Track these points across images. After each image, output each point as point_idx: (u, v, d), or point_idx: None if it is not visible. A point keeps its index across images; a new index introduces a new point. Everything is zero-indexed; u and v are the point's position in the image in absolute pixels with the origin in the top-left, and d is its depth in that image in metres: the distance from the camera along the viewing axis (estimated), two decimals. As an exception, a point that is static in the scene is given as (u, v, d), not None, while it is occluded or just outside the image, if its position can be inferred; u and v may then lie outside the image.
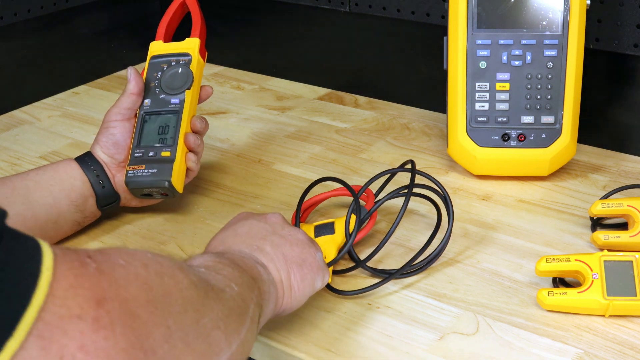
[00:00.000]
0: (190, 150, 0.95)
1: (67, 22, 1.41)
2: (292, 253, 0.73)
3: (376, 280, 0.83)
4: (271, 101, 1.35)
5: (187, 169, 0.95)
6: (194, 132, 0.96)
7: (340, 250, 0.86)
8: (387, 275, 0.83)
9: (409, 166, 0.89)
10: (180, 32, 1.04)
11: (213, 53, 1.32)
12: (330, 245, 0.85)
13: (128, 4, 1.52)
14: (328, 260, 0.84)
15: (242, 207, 1.00)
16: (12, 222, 0.85)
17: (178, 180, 0.93)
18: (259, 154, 1.15)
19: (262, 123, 1.26)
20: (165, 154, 0.93)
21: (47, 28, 1.38)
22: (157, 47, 1.00)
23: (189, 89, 0.96)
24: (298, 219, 0.91)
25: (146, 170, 0.92)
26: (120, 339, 0.45)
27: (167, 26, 1.02)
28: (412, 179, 0.86)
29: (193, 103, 0.97)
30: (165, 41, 1.01)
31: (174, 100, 0.96)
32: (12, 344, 0.41)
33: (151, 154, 0.93)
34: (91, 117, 1.30)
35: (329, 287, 0.82)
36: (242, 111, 1.31)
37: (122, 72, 1.49)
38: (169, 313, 0.51)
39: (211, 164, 1.12)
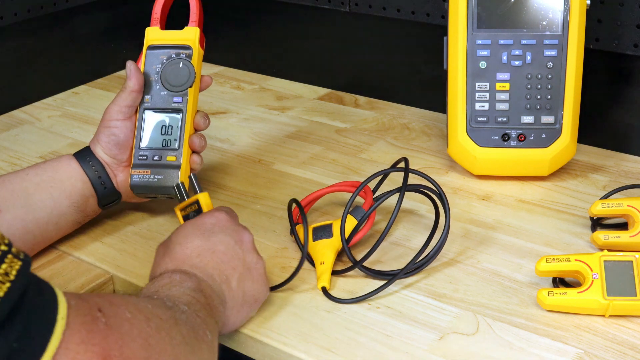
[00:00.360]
0: (195, 151, 0.94)
1: (67, 22, 1.41)
2: (251, 291, 0.76)
3: (375, 281, 0.83)
4: (271, 101, 1.35)
5: (191, 170, 0.95)
6: (198, 130, 0.95)
7: (338, 254, 0.86)
8: (389, 277, 0.83)
9: (402, 165, 0.89)
10: (172, 13, 1.01)
11: (213, 53, 1.32)
12: (328, 249, 0.85)
13: (128, 4, 1.52)
14: (327, 265, 0.84)
15: (242, 207, 1.00)
16: (12, 225, 0.85)
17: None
18: (259, 154, 1.15)
19: (262, 123, 1.26)
20: (171, 158, 0.92)
21: (47, 28, 1.38)
22: (154, 34, 0.96)
23: (191, 86, 0.93)
24: (294, 228, 0.91)
25: (152, 176, 0.91)
26: None
27: (162, 9, 0.97)
28: (405, 177, 0.86)
29: (195, 100, 0.95)
30: (161, 27, 0.97)
31: (177, 99, 0.93)
32: None
33: (156, 157, 0.92)
34: (91, 117, 1.30)
35: (328, 296, 0.82)
36: (242, 111, 1.31)
37: (122, 72, 1.49)
38: None
39: (211, 164, 1.12)
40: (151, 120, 0.94)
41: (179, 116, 0.93)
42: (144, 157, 0.92)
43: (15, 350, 0.45)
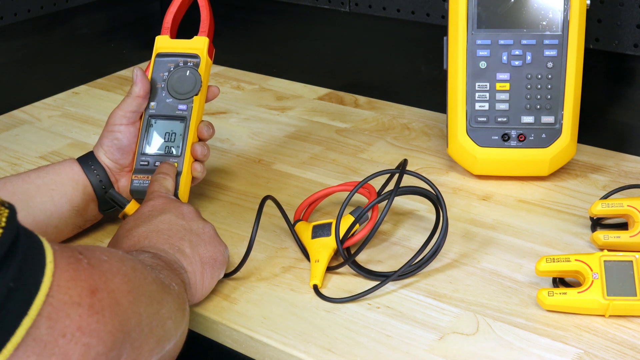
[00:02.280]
0: (197, 160, 0.94)
1: (67, 22, 1.41)
2: (206, 253, 0.79)
3: (372, 282, 0.83)
4: (271, 101, 1.35)
5: (193, 178, 0.94)
6: (201, 139, 0.95)
7: (336, 252, 0.86)
8: (382, 278, 0.83)
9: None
10: (184, 25, 1.02)
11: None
12: (324, 248, 0.85)
13: (128, 4, 1.52)
14: (321, 263, 0.84)
15: (242, 207, 1.00)
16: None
17: (184, 192, 0.92)
18: (259, 154, 1.15)
19: (262, 123, 1.27)
20: None
21: (47, 28, 1.38)
22: (163, 43, 0.96)
23: (196, 94, 0.93)
24: (291, 228, 0.91)
25: None
26: (108, 323, 0.55)
27: (173, 19, 0.97)
28: (400, 179, 0.85)
29: (200, 109, 0.95)
30: (171, 36, 0.97)
31: (182, 107, 0.93)
32: (27, 321, 0.49)
33: (157, 164, 0.92)
34: (91, 117, 1.30)
35: (318, 294, 0.82)
36: (242, 111, 1.31)
37: (122, 72, 1.49)
38: (140, 303, 0.60)
39: (211, 164, 1.12)
40: (155, 126, 0.93)
41: (183, 123, 0.93)
42: (146, 163, 0.92)
43: (12, 290, 0.48)
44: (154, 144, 0.93)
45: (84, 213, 0.90)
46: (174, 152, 0.92)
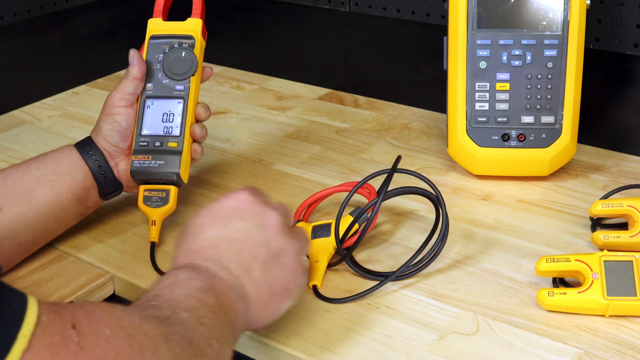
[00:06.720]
0: (196, 141, 0.94)
1: (67, 22, 1.41)
2: (279, 281, 0.69)
3: (371, 282, 0.83)
4: (271, 101, 1.35)
5: (192, 159, 0.94)
6: (198, 120, 0.95)
7: (336, 252, 0.86)
8: (381, 278, 0.83)
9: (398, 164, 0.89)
10: (176, 10, 1.02)
11: (213, 53, 1.31)
12: (324, 249, 0.85)
13: (128, 4, 1.52)
14: (321, 264, 0.84)
15: (242, 207, 1.00)
16: (14, 222, 0.85)
17: (185, 171, 0.92)
18: (259, 154, 1.15)
19: (262, 123, 1.27)
20: (172, 144, 0.92)
21: (47, 28, 1.38)
22: (156, 25, 0.97)
23: (193, 75, 0.94)
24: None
25: (153, 162, 0.91)
26: None
27: (164, 2, 0.98)
28: (390, 176, 0.85)
29: (197, 89, 0.95)
30: (164, 19, 0.97)
31: (179, 87, 0.94)
32: None
33: (157, 144, 0.92)
34: (91, 117, 1.29)
35: (318, 294, 0.82)
36: (242, 111, 1.31)
37: (122, 72, 1.48)
38: None
39: (211, 164, 1.12)
40: (152, 107, 0.93)
41: (181, 103, 0.93)
42: (145, 144, 0.92)
43: None
44: (152, 125, 0.93)
45: (85, 201, 0.90)
46: (174, 132, 0.92)
